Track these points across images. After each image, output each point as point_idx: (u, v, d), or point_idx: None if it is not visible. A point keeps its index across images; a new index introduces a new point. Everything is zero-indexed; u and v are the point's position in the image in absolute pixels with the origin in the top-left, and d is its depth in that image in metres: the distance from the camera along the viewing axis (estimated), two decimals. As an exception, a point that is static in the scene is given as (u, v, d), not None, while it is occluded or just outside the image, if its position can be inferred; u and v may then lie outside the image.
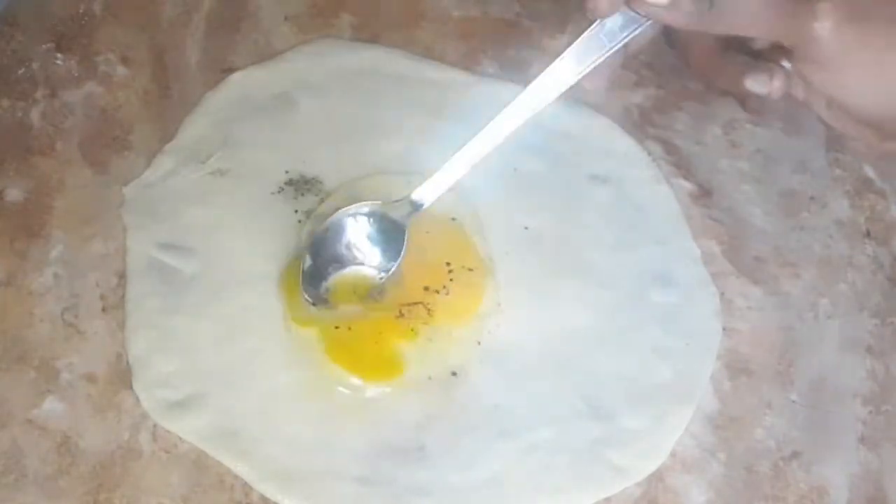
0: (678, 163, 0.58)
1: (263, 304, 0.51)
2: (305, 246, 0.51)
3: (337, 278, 0.51)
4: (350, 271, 0.52)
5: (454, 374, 0.50)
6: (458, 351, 0.50)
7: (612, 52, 0.47)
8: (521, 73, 0.60)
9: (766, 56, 0.50)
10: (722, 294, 0.54)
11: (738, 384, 0.51)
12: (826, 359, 0.53)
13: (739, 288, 0.54)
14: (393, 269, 0.51)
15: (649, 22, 0.46)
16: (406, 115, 0.58)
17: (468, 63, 0.61)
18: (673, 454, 0.49)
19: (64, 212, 0.53)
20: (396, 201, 0.51)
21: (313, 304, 0.50)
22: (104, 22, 0.60)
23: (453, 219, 0.54)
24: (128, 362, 0.49)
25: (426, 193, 0.51)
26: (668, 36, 0.55)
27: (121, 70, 0.59)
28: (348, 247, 0.52)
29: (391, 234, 0.51)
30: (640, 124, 0.60)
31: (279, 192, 0.55)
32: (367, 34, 0.62)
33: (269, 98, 0.58)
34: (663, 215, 0.56)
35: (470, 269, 0.52)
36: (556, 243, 0.55)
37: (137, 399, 0.48)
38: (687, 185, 0.58)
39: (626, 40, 0.47)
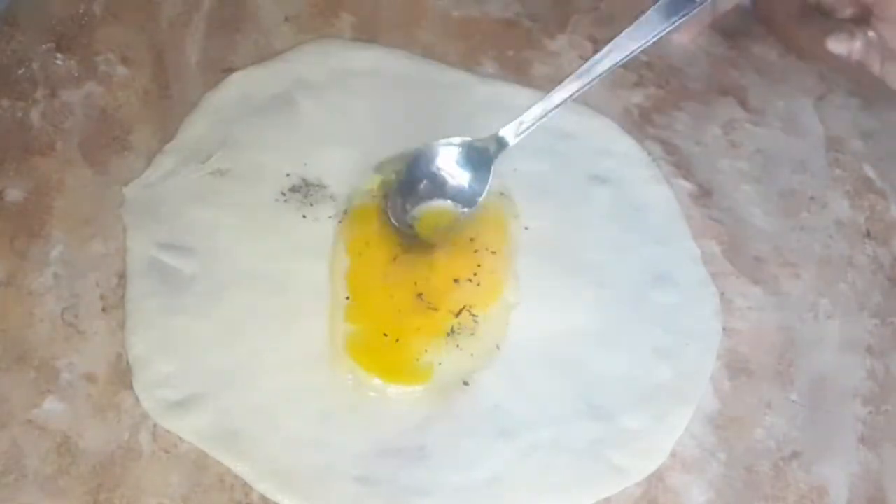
0: (678, 163, 0.58)
1: (263, 304, 0.51)
2: (397, 171, 0.54)
3: (423, 209, 0.53)
4: (435, 204, 0.54)
5: (465, 383, 0.50)
6: (480, 354, 0.50)
7: (701, 7, 0.48)
8: (521, 73, 0.61)
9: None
10: (722, 294, 0.54)
11: (738, 384, 0.51)
12: (826, 359, 0.53)
13: (739, 288, 0.54)
14: (479, 201, 0.53)
15: None
16: (406, 115, 0.58)
17: (468, 63, 0.61)
18: (673, 454, 0.49)
19: (64, 212, 0.53)
20: (483, 139, 0.53)
21: (398, 228, 0.52)
22: (104, 22, 0.60)
23: (501, 193, 0.55)
24: (128, 362, 0.49)
25: (512, 132, 0.52)
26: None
27: (121, 70, 0.59)
28: (438, 170, 0.54)
29: (478, 165, 0.53)
30: (640, 124, 0.60)
31: (284, 200, 0.54)
32: (367, 34, 0.62)
33: (269, 98, 0.58)
34: (663, 215, 0.56)
35: (493, 252, 0.52)
36: (556, 243, 0.55)
37: (137, 399, 0.48)
38: (687, 185, 0.58)
39: None
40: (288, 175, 0.55)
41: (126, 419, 0.48)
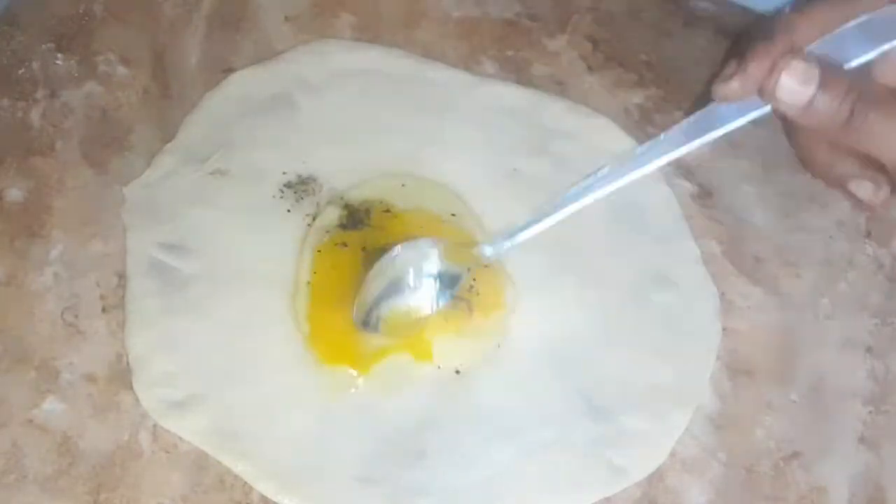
0: (678, 163, 0.58)
1: (263, 304, 0.51)
2: (365, 274, 0.50)
3: (390, 309, 0.50)
4: (402, 303, 0.50)
5: (457, 372, 0.50)
6: (475, 351, 0.51)
7: (724, 132, 0.46)
8: (521, 73, 0.61)
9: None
10: (722, 294, 0.54)
11: (738, 384, 0.51)
12: (826, 359, 0.53)
13: (739, 288, 0.54)
14: (442, 304, 0.50)
15: (768, 108, 0.45)
16: (406, 115, 0.58)
17: (468, 63, 0.61)
18: (673, 454, 0.49)
19: (64, 212, 0.53)
20: (464, 245, 0.51)
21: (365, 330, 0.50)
22: (104, 22, 0.60)
23: (453, 214, 0.54)
24: (128, 362, 0.49)
25: (500, 248, 0.50)
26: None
27: (121, 70, 0.59)
28: (402, 282, 0.50)
29: (449, 274, 0.50)
30: (640, 124, 0.59)
31: (280, 196, 0.55)
32: (367, 34, 0.62)
33: (269, 98, 0.58)
34: (663, 215, 0.56)
35: (485, 265, 0.52)
36: (555, 243, 0.55)
37: (137, 399, 0.48)
38: (687, 185, 0.58)
39: (740, 124, 0.46)
40: (285, 173, 0.55)
41: (126, 419, 0.48)
